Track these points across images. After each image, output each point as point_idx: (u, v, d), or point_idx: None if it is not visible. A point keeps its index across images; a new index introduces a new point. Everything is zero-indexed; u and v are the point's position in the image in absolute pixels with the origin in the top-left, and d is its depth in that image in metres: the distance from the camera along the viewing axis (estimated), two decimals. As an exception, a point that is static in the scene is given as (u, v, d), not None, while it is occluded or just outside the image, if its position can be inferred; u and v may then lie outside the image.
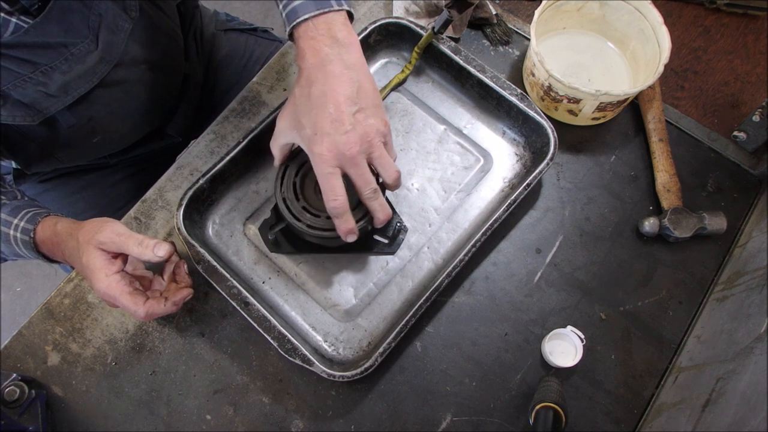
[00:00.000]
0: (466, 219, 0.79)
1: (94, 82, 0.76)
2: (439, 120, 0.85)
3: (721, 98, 0.92)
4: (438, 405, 0.72)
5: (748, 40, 0.96)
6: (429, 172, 0.82)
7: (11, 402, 0.67)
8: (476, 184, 0.81)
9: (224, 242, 0.78)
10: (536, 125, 0.79)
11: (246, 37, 1.10)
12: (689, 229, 0.77)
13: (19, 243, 0.70)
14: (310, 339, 0.74)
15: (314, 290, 0.76)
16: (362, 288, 0.76)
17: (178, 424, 0.71)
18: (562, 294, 0.77)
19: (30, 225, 0.70)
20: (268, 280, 0.76)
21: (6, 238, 0.70)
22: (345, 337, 0.74)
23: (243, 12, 1.22)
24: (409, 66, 0.85)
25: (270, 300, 0.76)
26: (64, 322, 0.75)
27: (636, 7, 0.83)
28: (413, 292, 0.76)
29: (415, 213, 0.80)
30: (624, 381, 0.74)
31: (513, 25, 0.92)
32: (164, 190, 0.81)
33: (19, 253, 0.72)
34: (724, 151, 0.85)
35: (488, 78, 0.81)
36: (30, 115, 0.72)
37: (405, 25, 0.84)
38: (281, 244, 0.76)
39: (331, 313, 0.75)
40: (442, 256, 0.78)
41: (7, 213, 0.71)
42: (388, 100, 0.86)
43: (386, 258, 0.77)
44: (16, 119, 0.72)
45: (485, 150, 0.83)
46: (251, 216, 0.79)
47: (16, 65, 0.67)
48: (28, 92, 0.70)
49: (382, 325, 0.74)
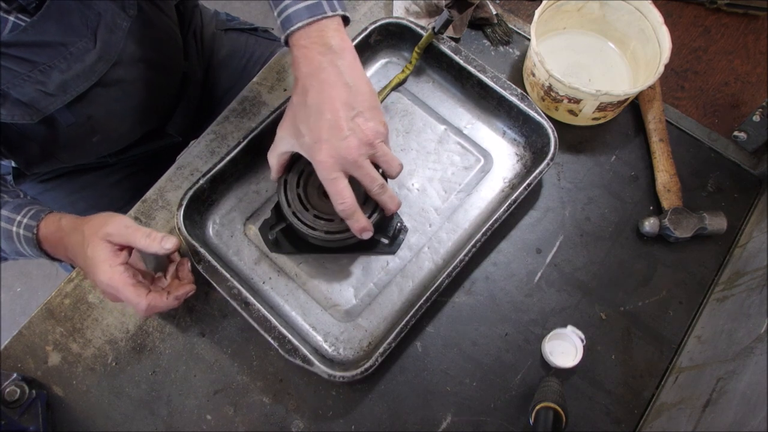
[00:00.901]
0: (466, 219, 0.79)
1: (92, 81, 0.76)
2: (439, 120, 0.85)
3: (722, 98, 0.92)
4: (438, 405, 0.72)
5: (748, 41, 0.96)
6: (429, 172, 0.82)
7: (12, 402, 0.67)
8: (476, 184, 0.81)
9: (224, 242, 0.78)
10: (537, 125, 0.79)
11: (246, 37, 1.10)
12: (689, 229, 0.77)
13: (21, 240, 0.70)
14: (311, 339, 0.74)
15: (314, 290, 0.76)
16: (363, 288, 0.76)
17: (178, 424, 0.71)
18: (563, 294, 0.77)
19: (33, 221, 0.70)
20: (268, 280, 0.76)
21: (8, 235, 0.70)
22: (345, 337, 0.74)
23: (243, 12, 1.22)
24: (410, 66, 0.85)
25: (270, 300, 0.75)
26: (64, 322, 0.75)
27: (636, 7, 0.83)
28: (414, 292, 0.76)
29: (416, 213, 0.80)
30: (624, 381, 0.74)
31: (513, 25, 0.92)
32: (164, 190, 0.81)
33: (21, 251, 0.72)
34: (725, 151, 0.85)
35: (489, 78, 0.81)
36: (29, 113, 0.72)
37: (405, 25, 0.84)
38: (281, 244, 0.76)
39: (331, 313, 0.75)
40: (442, 256, 0.78)
41: (10, 210, 0.70)
42: (389, 100, 0.85)
43: (387, 258, 0.77)
44: (15, 118, 0.72)
45: (485, 150, 0.83)
46: (252, 216, 0.79)
47: (14, 64, 0.67)
48: (27, 91, 0.70)
49: (383, 325, 0.74)
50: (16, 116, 0.72)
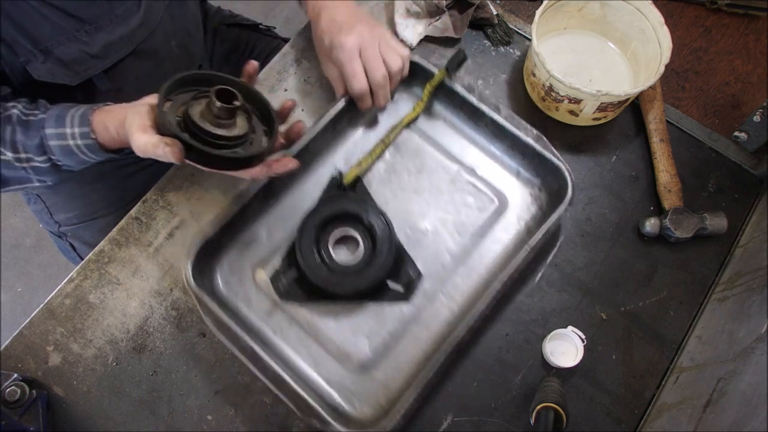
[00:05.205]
0: (481, 264, 0.77)
1: (132, 47, 0.78)
2: (451, 159, 0.82)
3: (722, 98, 0.92)
4: (439, 405, 0.72)
5: (748, 41, 0.96)
6: (442, 213, 0.79)
7: (12, 402, 0.67)
8: (491, 227, 0.79)
9: (234, 291, 0.75)
10: (552, 167, 0.76)
11: (248, 33, 1.11)
12: (690, 230, 0.77)
13: (83, 150, 0.68)
14: (324, 394, 0.70)
15: (327, 341, 0.73)
16: (377, 338, 0.73)
17: (179, 424, 0.71)
18: (563, 294, 0.77)
19: (86, 128, 0.67)
20: (279, 330, 0.73)
21: (67, 151, 0.68)
22: (360, 390, 0.71)
23: (244, 12, 1.24)
24: (421, 104, 0.82)
25: (282, 352, 0.72)
26: (65, 323, 0.75)
27: (637, 8, 0.83)
28: (430, 342, 0.73)
29: (429, 257, 0.77)
30: (625, 381, 0.74)
31: (514, 26, 0.92)
32: (165, 190, 0.81)
33: (87, 159, 0.71)
34: (725, 152, 0.85)
35: (503, 118, 0.78)
36: (69, 75, 0.73)
37: (416, 62, 0.81)
38: (293, 293, 0.74)
39: (345, 366, 0.72)
40: (458, 303, 0.75)
41: (53, 126, 0.68)
42: (400, 139, 0.83)
43: (401, 305, 0.74)
44: (56, 77, 0.72)
45: (499, 190, 0.80)
46: (260, 261, 0.76)
47: (61, 19, 0.68)
48: (71, 50, 0.71)
49: (399, 378, 0.71)
50: (57, 75, 0.72)
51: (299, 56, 0.89)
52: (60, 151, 0.68)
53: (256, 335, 0.72)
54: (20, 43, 0.68)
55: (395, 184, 0.81)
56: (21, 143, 0.68)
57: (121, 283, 0.76)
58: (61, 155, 0.69)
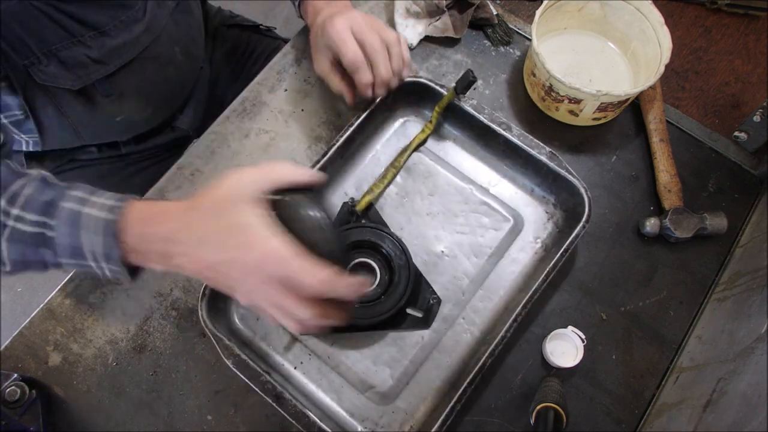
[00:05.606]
0: (500, 285, 0.76)
1: (135, 52, 0.78)
2: (463, 180, 0.81)
3: (722, 98, 0.92)
4: (439, 405, 0.72)
5: (749, 41, 0.96)
6: (458, 235, 0.78)
7: (12, 402, 0.67)
8: (508, 247, 0.78)
9: (251, 328, 0.74)
10: (568, 185, 0.76)
11: (249, 34, 1.11)
12: (690, 230, 0.77)
13: (92, 226, 0.52)
14: (348, 425, 0.70)
15: (348, 372, 0.72)
16: (398, 367, 0.72)
17: (179, 424, 0.71)
18: (563, 294, 0.77)
19: (119, 202, 0.53)
20: (300, 365, 0.73)
21: (73, 219, 0.52)
22: (385, 422, 0.70)
23: (244, 12, 1.24)
24: (430, 125, 0.82)
25: (303, 387, 0.72)
26: (65, 323, 0.75)
27: (637, 8, 0.83)
28: (452, 368, 0.72)
29: (447, 281, 0.76)
30: (625, 381, 0.74)
31: (514, 26, 0.92)
32: (165, 190, 0.81)
33: (81, 244, 0.53)
34: (725, 152, 0.85)
35: (515, 137, 0.77)
36: (71, 79, 0.73)
37: (425, 84, 0.80)
38: None
39: (368, 396, 0.71)
40: (479, 327, 0.74)
41: (84, 191, 0.55)
42: (410, 161, 0.82)
43: (421, 332, 0.74)
44: (58, 81, 0.72)
45: (514, 209, 0.80)
46: None
47: (68, 23, 0.68)
48: (75, 54, 0.71)
49: (423, 407, 0.71)
50: (59, 79, 0.71)
51: (299, 56, 0.89)
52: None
53: (277, 371, 0.72)
54: (26, 45, 0.68)
55: (408, 207, 0.80)
56: (25, 196, 0.54)
57: (121, 283, 0.76)
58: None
